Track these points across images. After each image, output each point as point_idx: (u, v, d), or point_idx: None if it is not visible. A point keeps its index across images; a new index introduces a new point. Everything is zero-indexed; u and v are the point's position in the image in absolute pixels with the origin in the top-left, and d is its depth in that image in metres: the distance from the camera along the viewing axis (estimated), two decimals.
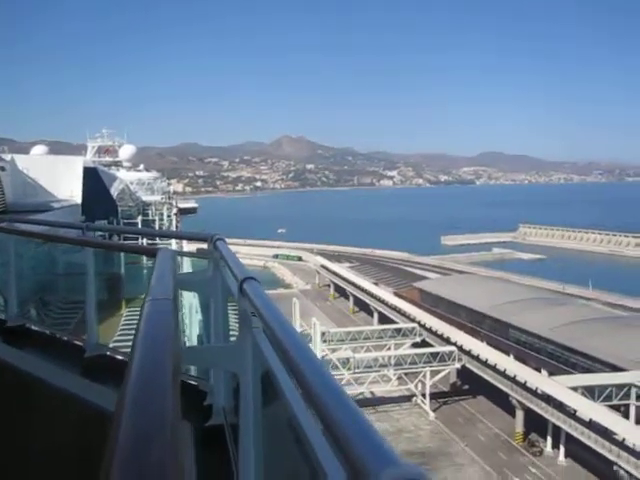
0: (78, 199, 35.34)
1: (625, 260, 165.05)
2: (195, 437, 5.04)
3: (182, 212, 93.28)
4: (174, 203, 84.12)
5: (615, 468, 46.94)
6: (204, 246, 6.03)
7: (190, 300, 12.06)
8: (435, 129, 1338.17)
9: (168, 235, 26.22)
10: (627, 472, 45.70)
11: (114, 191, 49.16)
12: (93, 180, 40.21)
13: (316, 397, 1.82)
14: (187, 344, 11.46)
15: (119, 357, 7.14)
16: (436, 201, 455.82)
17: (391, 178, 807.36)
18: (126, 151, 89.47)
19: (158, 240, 22.30)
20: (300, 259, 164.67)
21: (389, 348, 73.60)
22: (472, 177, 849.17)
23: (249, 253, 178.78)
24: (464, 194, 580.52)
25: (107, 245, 9.85)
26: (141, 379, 1.83)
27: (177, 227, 63.62)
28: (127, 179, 67.14)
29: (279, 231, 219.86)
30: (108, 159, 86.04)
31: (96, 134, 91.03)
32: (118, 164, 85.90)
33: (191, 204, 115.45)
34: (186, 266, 9.79)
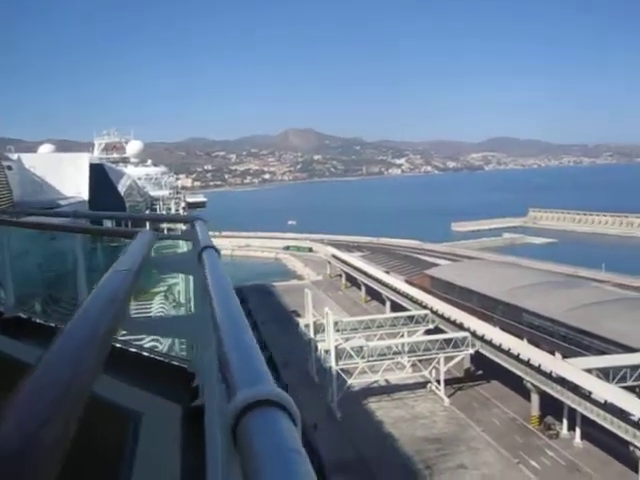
0: (85, 195, 35.44)
1: (637, 241, 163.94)
2: (182, 418, 5.14)
3: (191, 206, 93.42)
4: (182, 197, 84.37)
5: (631, 448, 46.80)
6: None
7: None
8: (442, 116, 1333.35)
9: (153, 219, 26.31)
10: None
11: (121, 187, 49.27)
12: (100, 176, 40.29)
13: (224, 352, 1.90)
14: None
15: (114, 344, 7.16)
16: (445, 188, 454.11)
17: (399, 166, 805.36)
18: (133, 147, 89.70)
19: (181, 225, 22.47)
20: (311, 250, 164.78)
21: (402, 335, 73.56)
22: (481, 163, 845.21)
23: (261, 246, 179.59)
24: (473, 180, 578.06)
25: (88, 230, 9.83)
26: (61, 343, 1.82)
27: None
28: (134, 175, 67.34)
29: (289, 223, 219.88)
30: (115, 156, 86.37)
31: (103, 131, 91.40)
32: (126, 160, 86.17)
33: (200, 198, 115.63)
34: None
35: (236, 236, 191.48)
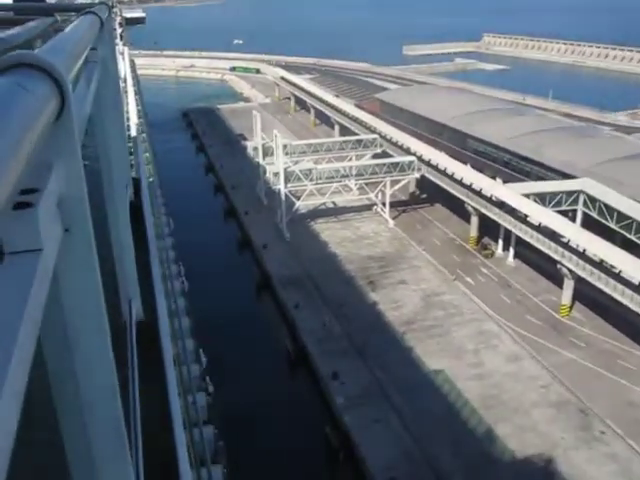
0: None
1: (586, 71, 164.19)
2: None
3: (128, 22, 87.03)
4: (118, 12, 78.26)
5: (559, 267, 50.41)
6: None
7: None
8: None
9: (55, 8, 24.90)
10: (569, 269, 49.20)
11: None
12: None
13: None
14: None
15: None
16: (398, 7, 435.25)
17: None
18: None
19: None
20: (258, 71, 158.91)
21: (350, 159, 74.26)
22: None
23: (206, 67, 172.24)
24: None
25: None
26: None
27: (122, 37, 59.98)
28: None
29: (235, 42, 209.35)
30: None
31: None
32: None
33: (138, 13, 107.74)
34: None
35: (180, 56, 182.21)
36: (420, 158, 69.08)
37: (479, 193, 60.28)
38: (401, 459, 35.68)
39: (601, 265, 46.58)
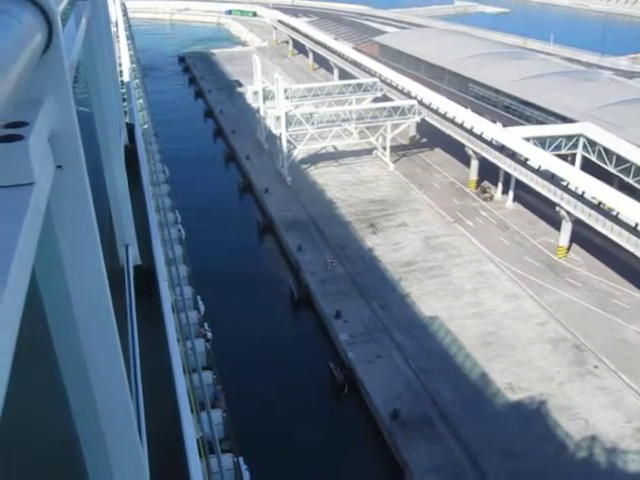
0: None
1: (588, 14, 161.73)
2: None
3: None
4: None
5: (557, 209, 51.18)
6: None
7: None
8: None
9: None
10: (567, 211, 49.99)
11: None
12: None
13: None
14: None
15: None
16: None
17: None
18: None
19: None
20: (255, 14, 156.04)
21: (350, 103, 73.99)
22: None
23: (201, 10, 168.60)
24: None
25: None
26: None
27: None
28: None
29: None
30: None
31: None
32: None
33: None
34: None
35: None
36: (421, 102, 68.86)
37: (479, 137, 60.49)
38: (403, 392, 37.17)
39: (599, 207, 47.39)
